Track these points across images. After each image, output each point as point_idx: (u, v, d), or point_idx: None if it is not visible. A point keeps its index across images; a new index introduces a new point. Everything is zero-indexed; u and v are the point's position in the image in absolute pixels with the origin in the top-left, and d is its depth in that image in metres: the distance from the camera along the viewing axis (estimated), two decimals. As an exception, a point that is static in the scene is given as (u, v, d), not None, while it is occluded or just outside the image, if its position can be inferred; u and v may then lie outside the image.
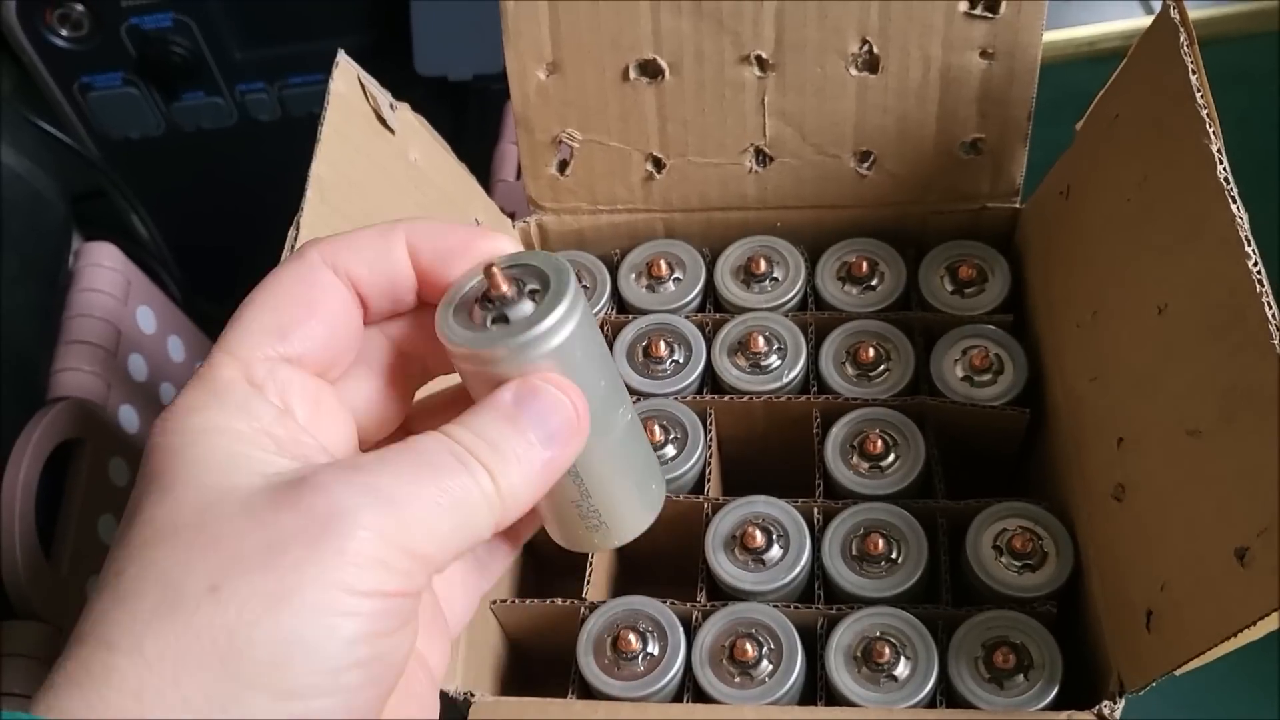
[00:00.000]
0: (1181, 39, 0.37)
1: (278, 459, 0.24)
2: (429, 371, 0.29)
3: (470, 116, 0.82)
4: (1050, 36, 1.14)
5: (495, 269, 0.25)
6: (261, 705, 0.21)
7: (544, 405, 0.25)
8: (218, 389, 0.24)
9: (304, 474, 0.23)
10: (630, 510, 0.29)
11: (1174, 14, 0.38)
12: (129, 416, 0.67)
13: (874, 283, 0.49)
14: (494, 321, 0.25)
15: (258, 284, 0.26)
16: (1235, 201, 0.33)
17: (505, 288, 0.25)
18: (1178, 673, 0.34)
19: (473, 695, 0.38)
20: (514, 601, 0.43)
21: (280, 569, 0.22)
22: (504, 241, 0.27)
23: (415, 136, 0.45)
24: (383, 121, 0.43)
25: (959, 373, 0.47)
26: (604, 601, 0.42)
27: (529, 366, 0.25)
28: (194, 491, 0.23)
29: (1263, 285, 0.32)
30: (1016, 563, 0.42)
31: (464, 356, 0.25)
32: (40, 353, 0.65)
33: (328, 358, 0.26)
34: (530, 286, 0.26)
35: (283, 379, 0.25)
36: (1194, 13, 0.37)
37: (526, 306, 0.25)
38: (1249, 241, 0.32)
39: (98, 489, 0.61)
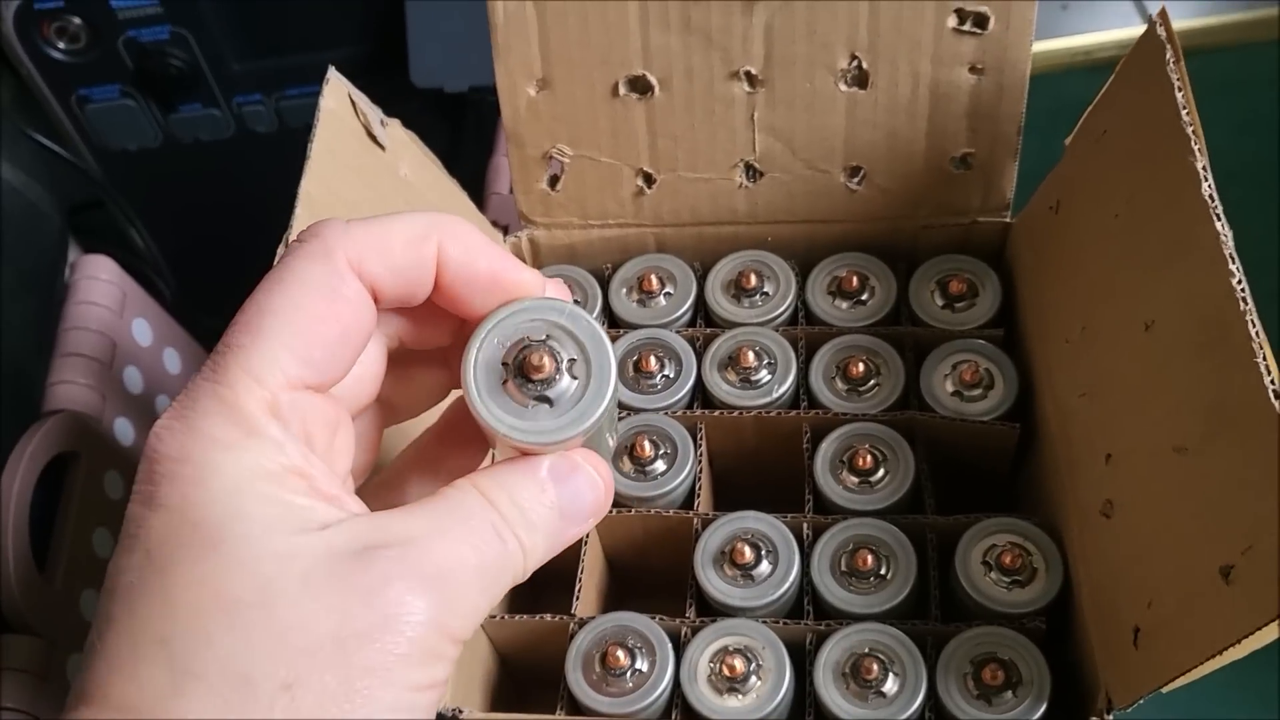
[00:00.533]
0: (1168, 55, 0.37)
1: (319, 507, 0.23)
2: (425, 347, 0.29)
3: (466, 128, 0.82)
4: (1047, 45, 1.15)
5: (541, 351, 0.25)
6: None
7: (580, 486, 0.26)
8: (246, 423, 0.23)
9: (358, 543, 0.23)
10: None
11: (1160, 30, 0.38)
12: (124, 430, 0.68)
13: (864, 297, 0.50)
14: (534, 399, 0.25)
15: (274, 277, 0.25)
16: (1219, 219, 0.33)
17: (548, 368, 0.25)
18: (1165, 690, 0.34)
19: (461, 711, 0.38)
20: (504, 617, 0.43)
21: (351, 669, 0.21)
22: (532, 277, 0.27)
23: (406, 152, 0.45)
24: (373, 138, 0.43)
25: (949, 388, 0.47)
26: (593, 617, 0.42)
27: (562, 446, 0.26)
28: (246, 556, 0.22)
29: (1246, 302, 0.32)
30: (1006, 579, 0.42)
31: (505, 440, 0.25)
32: (36, 365, 0.66)
33: (338, 375, 0.26)
34: (568, 357, 0.26)
35: (305, 408, 0.24)
36: (1191, 21, 0.37)
37: (566, 383, 0.25)
38: (1233, 259, 0.32)
39: (93, 502, 0.61)
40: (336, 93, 0.40)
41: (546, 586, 0.49)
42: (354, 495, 0.25)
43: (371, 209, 0.42)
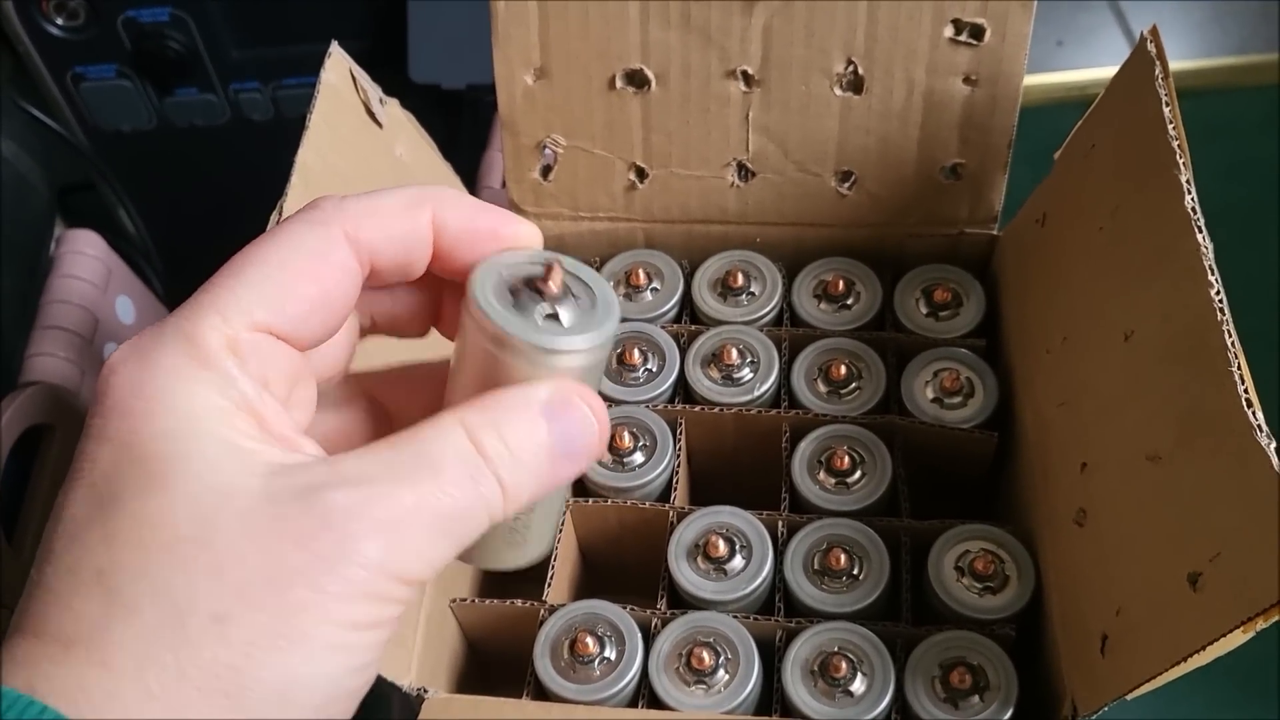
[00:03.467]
0: (1157, 72, 0.38)
1: (267, 448, 0.23)
2: (399, 335, 0.28)
3: (462, 125, 0.82)
4: (1042, 80, 1.16)
5: (558, 268, 0.25)
6: None
7: (576, 421, 0.24)
8: (203, 355, 0.23)
9: (304, 482, 0.22)
10: (551, 532, 0.28)
11: (1150, 47, 0.38)
12: (101, 405, 0.67)
13: (849, 302, 0.50)
14: (545, 317, 0.24)
15: (267, 235, 0.25)
16: (1201, 231, 0.34)
17: (557, 286, 0.25)
18: (1129, 697, 0.34)
19: (426, 691, 0.38)
20: (474, 601, 0.43)
21: (286, 606, 0.21)
22: (529, 229, 0.27)
23: (402, 132, 0.45)
24: (371, 115, 0.43)
25: (929, 394, 0.47)
26: (564, 604, 0.42)
27: (560, 372, 0.24)
28: (189, 490, 0.22)
29: (1224, 313, 0.32)
30: (978, 584, 0.42)
31: (501, 341, 0.24)
32: (16, 337, 0.65)
33: (311, 337, 0.25)
34: (577, 296, 0.25)
35: (266, 352, 0.24)
36: (1181, 64, 0.38)
37: (573, 305, 0.25)
38: (1212, 270, 0.33)
39: (65, 476, 0.61)
40: (338, 67, 0.41)
41: (518, 573, 0.49)
42: (311, 440, 0.24)
43: (365, 184, 0.42)
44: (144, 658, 0.21)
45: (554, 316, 0.25)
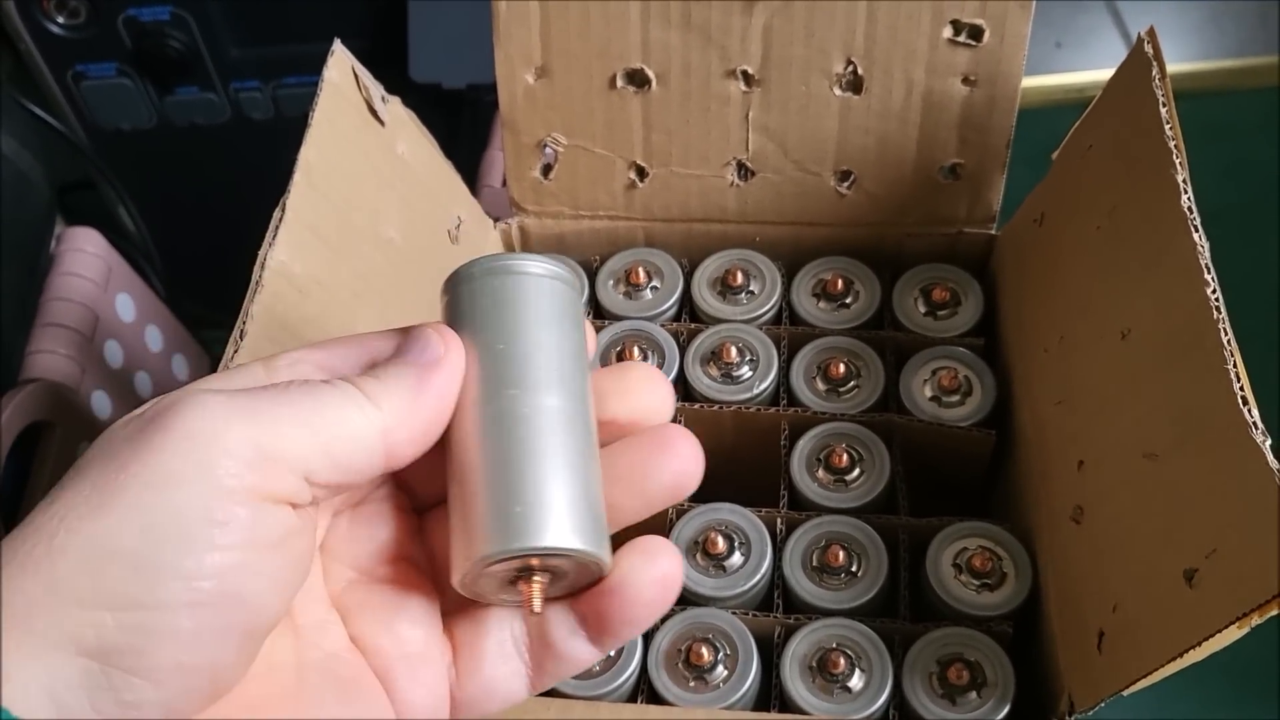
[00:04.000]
0: (1154, 72, 0.38)
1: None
2: None
3: (462, 125, 0.82)
4: (1041, 82, 1.17)
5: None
6: (73, 616, 0.21)
7: (415, 335, 0.26)
8: (222, 385, 0.25)
9: None
10: (541, 501, 0.25)
11: (1147, 48, 0.39)
12: (101, 402, 0.67)
13: (848, 300, 0.50)
14: None
15: None
16: (1197, 230, 0.34)
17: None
18: (1126, 693, 0.34)
19: (426, 686, 0.38)
20: (474, 597, 0.43)
21: (106, 477, 0.22)
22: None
23: (404, 130, 0.45)
24: (374, 113, 0.44)
25: (928, 393, 0.47)
26: (564, 601, 0.42)
27: None
28: (106, 443, 0.23)
29: (1219, 312, 0.32)
30: (975, 582, 0.42)
31: None
32: (16, 334, 0.65)
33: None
34: None
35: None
36: (1178, 66, 0.38)
37: None
38: (1208, 269, 0.33)
39: (65, 472, 0.61)
40: (341, 65, 0.41)
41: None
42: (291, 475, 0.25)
43: (366, 181, 0.43)
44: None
45: None
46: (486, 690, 0.27)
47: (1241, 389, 0.31)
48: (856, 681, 0.40)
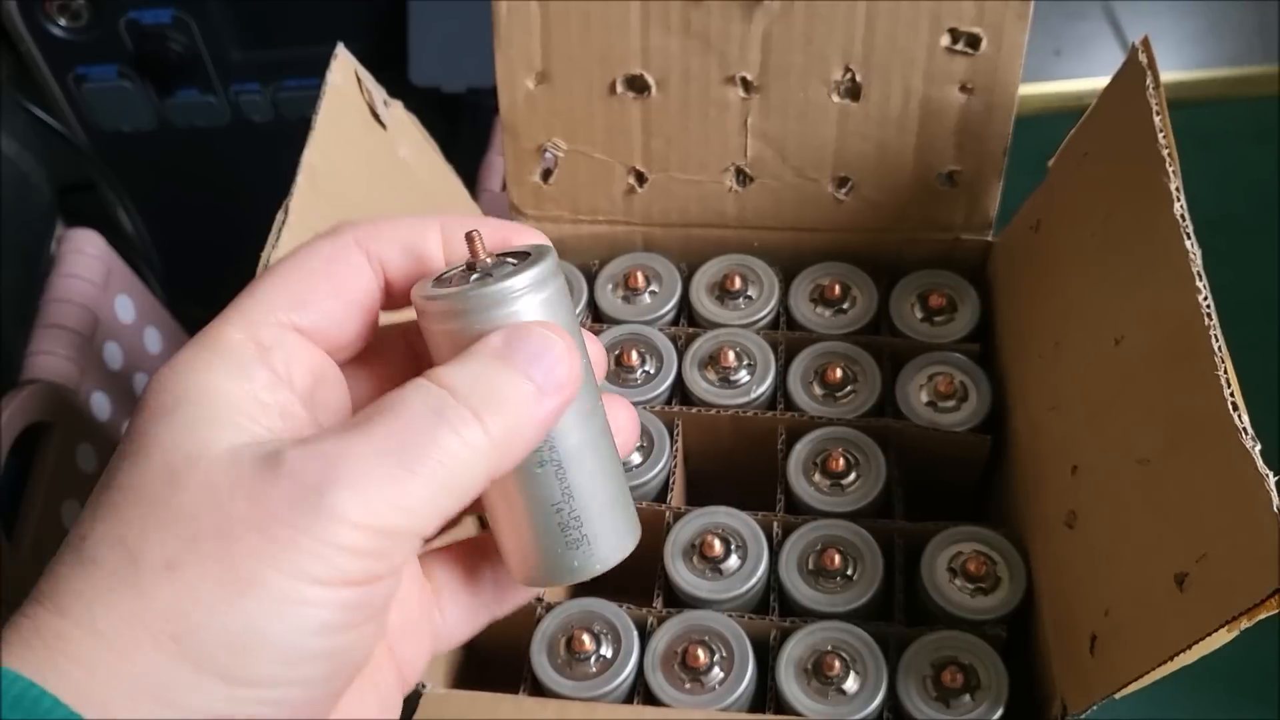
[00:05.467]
0: (1148, 81, 0.38)
1: (254, 427, 0.23)
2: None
3: (462, 129, 0.83)
4: (1039, 89, 1.17)
5: (476, 234, 0.25)
6: (215, 691, 0.21)
7: (536, 343, 0.24)
8: (219, 347, 0.24)
9: (270, 449, 0.22)
10: (614, 523, 0.27)
11: (1142, 57, 0.39)
12: (101, 403, 0.67)
13: (846, 306, 0.50)
14: (477, 279, 0.25)
15: (286, 254, 0.26)
16: (1190, 238, 0.34)
17: (484, 254, 0.25)
18: (1117, 696, 0.34)
19: (424, 687, 0.38)
20: (472, 599, 0.44)
21: (236, 554, 0.21)
22: (536, 237, 0.27)
23: (406, 134, 0.46)
24: (376, 116, 0.44)
25: (924, 398, 0.47)
26: (561, 602, 0.42)
27: (510, 318, 0.24)
28: (163, 456, 0.23)
29: (1211, 319, 0.33)
30: (970, 585, 0.42)
31: (440, 313, 0.24)
32: (16, 335, 0.65)
33: (341, 337, 0.26)
34: (512, 259, 0.26)
35: (290, 347, 0.25)
36: (1175, 74, 0.38)
37: (509, 270, 0.25)
38: (1200, 276, 0.33)
39: (64, 473, 0.61)
40: (344, 69, 0.41)
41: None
42: (318, 428, 0.25)
43: (370, 185, 0.43)
44: (95, 602, 0.21)
45: (484, 275, 0.25)
46: (466, 621, 0.29)
47: (1232, 395, 0.31)
48: (851, 684, 0.40)
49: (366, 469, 0.22)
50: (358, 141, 0.42)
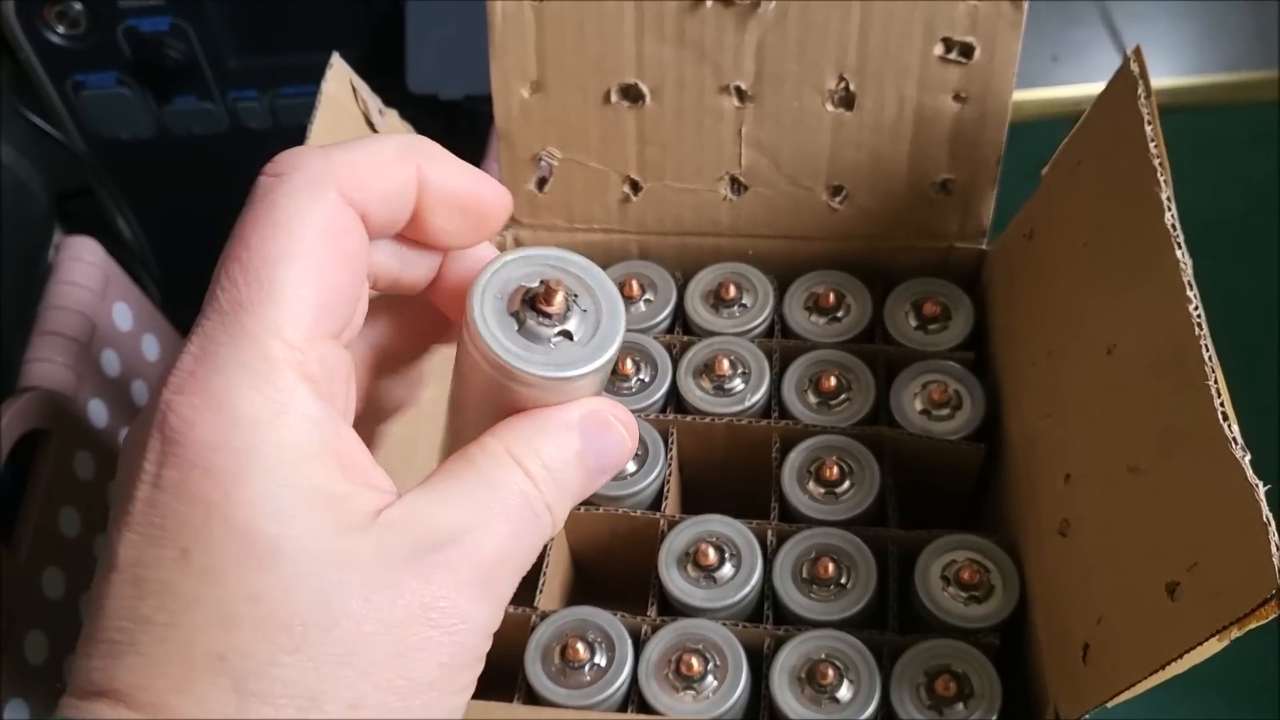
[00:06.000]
0: (1139, 90, 0.38)
1: (358, 492, 0.22)
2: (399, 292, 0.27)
3: (459, 136, 0.83)
4: (1037, 95, 1.17)
5: (560, 288, 0.24)
6: None
7: (611, 442, 0.25)
8: (280, 396, 0.22)
9: (407, 543, 0.22)
10: None
11: (1133, 66, 0.39)
12: (98, 411, 0.68)
13: (840, 314, 0.50)
14: (555, 336, 0.24)
15: (268, 219, 0.22)
16: (1180, 247, 0.34)
17: (562, 303, 0.24)
18: (1109, 704, 0.34)
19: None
20: (467, 607, 0.44)
21: (411, 683, 0.21)
22: (503, 193, 0.26)
23: (398, 144, 0.46)
24: (371, 125, 0.44)
25: (918, 406, 0.48)
26: (555, 611, 0.43)
27: (580, 390, 0.24)
28: (303, 569, 0.21)
29: (1201, 328, 0.33)
30: (963, 594, 0.42)
31: (515, 377, 0.24)
32: (14, 342, 0.66)
33: (354, 323, 0.25)
34: (573, 293, 0.25)
35: (329, 364, 0.23)
36: (1173, 80, 0.39)
37: (579, 318, 0.24)
38: (1191, 285, 0.34)
39: (62, 481, 0.61)
40: (339, 78, 0.41)
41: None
42: (374, 461, 0.24)
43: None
44: None
45: (564, 334, 0.24)
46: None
47: (1222, 405, 0.31)
48: (845, 692, 0.40)
49: (506, 581, 0.23)
50: (352, 151, 0.42)
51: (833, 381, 0.48)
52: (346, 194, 0.23)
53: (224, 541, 0.21)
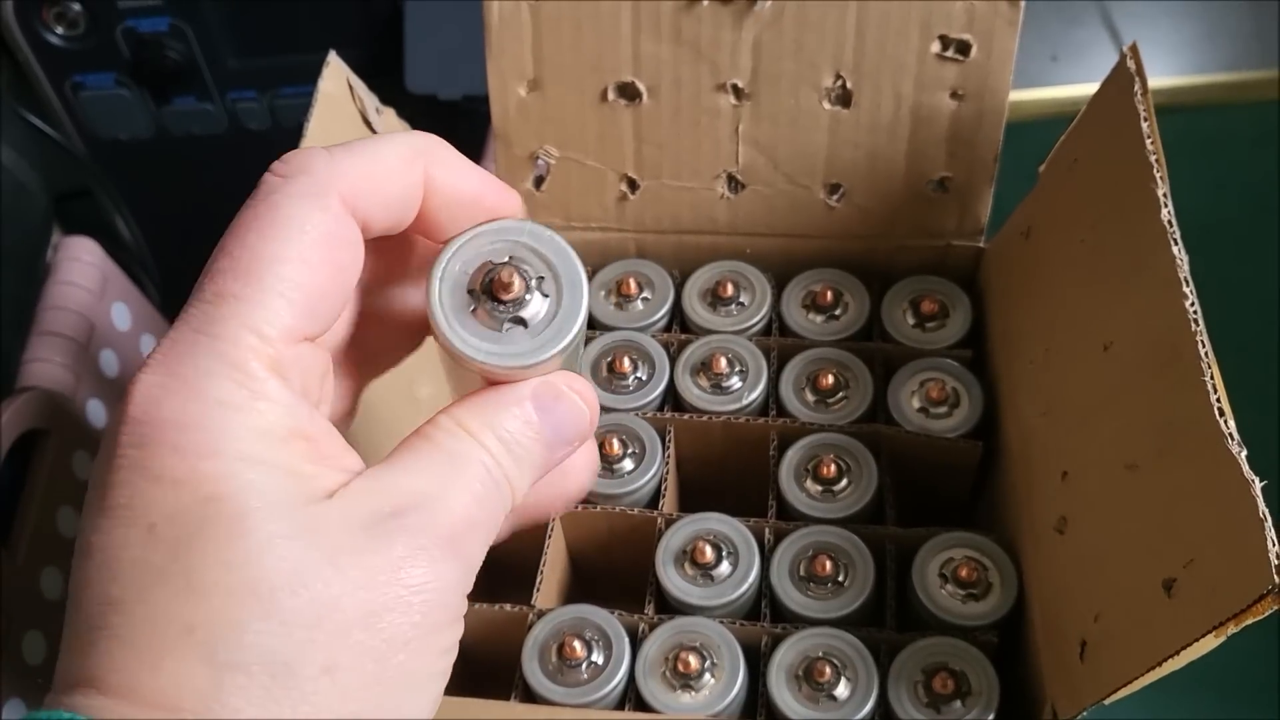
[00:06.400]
0: (1136, 88, 0.38)
1: (324, 472, 0.22)
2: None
3: (458, 137, 0.82)
4: (1036, 95, 1.17)
5: (509, 270, 0.24)
6: None
7: (565, 412, 0.25)
8: (250, 382, 0.22)
9: (370, 510, 0.22)
10: None
11: (1130, 64, 0.39)
12: (97, 411, 0.68)
13: (838, 312, 0.50)
14: (508, 322, 0.24)
15: (267, 219, 0.23)
16: (1176, 243, 0.34)
17: (517, 288, 0.24)
18: (1107, 701, 0.34)
19: (415, 694, 0.38)
20: (464, 606, 0.44)
21: (386, 645, 0.21)
22: (513, 199, 0.26)
23: (395, 143, 0.46)
24: (368, 123, 0.44)
25: (916, 404, 0.47)
26: (552, 609, 0.43)
27: (540, 369, 0.24)
28: (269, 536, 0.21)
29: (1198, 324, 0.33)
30: (961, 591, 0.42)
31: (468, 364, 0.24)
32: (13, 342, 0.66)
33: (335, 327, 0.25)
34: (536, 275, 0.24)
35: (304, 362, 0.23)
36: (1171, 80, 0.39)
37: (538, 302, 0.24)
38: (1187, 282, 0.34)
39: (60, 481, 0.61)
40: (335, 76, 0.41)
41: (505, 580, 0.49)
42: (348, 446, 0.24)
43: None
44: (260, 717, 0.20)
45: (518, 319, 0.24)
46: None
47: (1218, 401, 0.31)
48: (842, 690, 0.40)
49: (472, 542, 0.24)
50: (349, 149, 0.42)
51: (830, 380, 0.48)
52: (350, 201, 0.24)
53: (190, 514, 0.21)
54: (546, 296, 0.24)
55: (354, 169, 0.24)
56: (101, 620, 0.21)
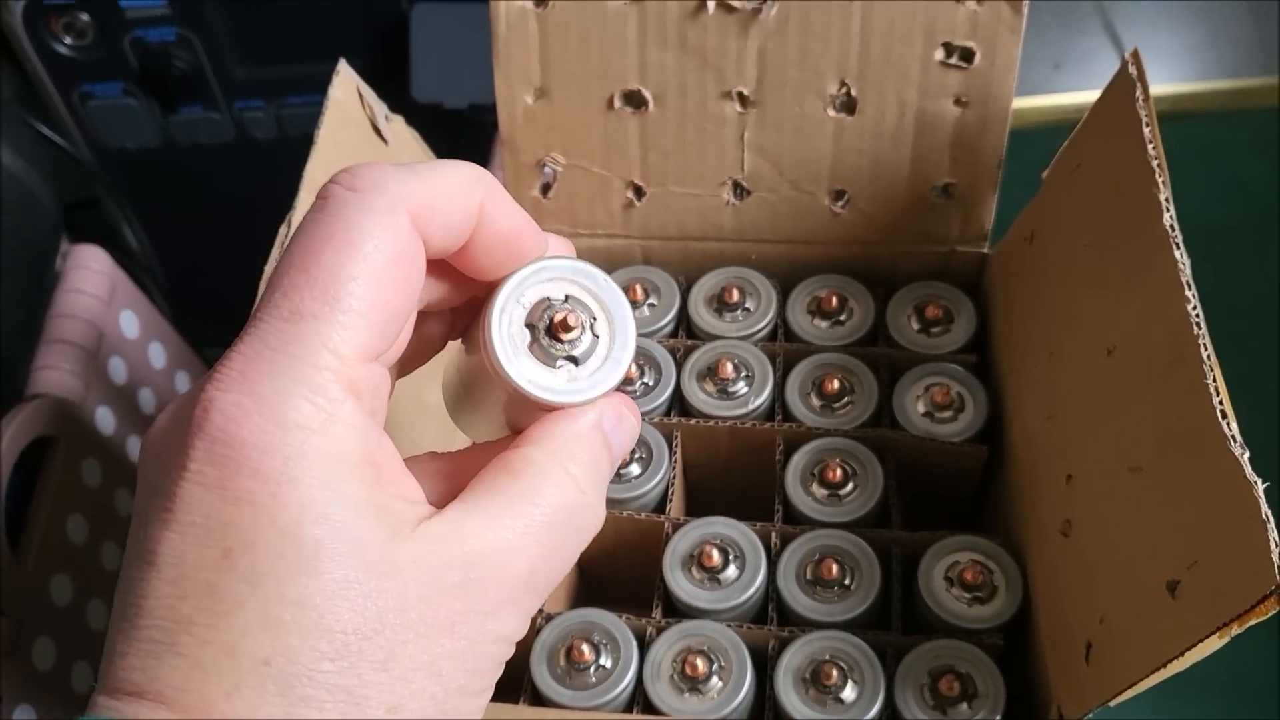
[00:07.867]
0: (1138, 93, 0.39)
1: (394, 503, 0.23)
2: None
3: (463, 145, 0.83)
4: (1039, 102, 1.18)
5: (570, 312, 0.25)
6: None
7: (625, 432, 0.26)
8: (328, 405, 0.22)
9: (443, 559, 0.22)
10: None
11: (1132, 70, 0.39)
12: (105, 418, 0.68)
13: (843, 318, 0.51)
14: (562, 359, 0.25)
15: (341, 237, 0.22)
16: (1179, 248, 0.35)
17: (574, 328, 0.25)
18: (1112, 703, 0.34)
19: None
20: (472, 610, 0.44)
21: (445, 689, 0.22)
22: (543, 243, 0.26)
23: (407, 149, 0.46)
24: (377, 131, 0.45)
25: (920, 409, 0.48)
26: (560, 613, 0.43)
27: (596, 401, 0.26)
28: (346, 576, 0.21)
29: (1200, 327, 0.33)
30: (967, 594, 0.43)
31: (529, 400, 0.25)
32: (23, 350, 0.66)
33: (400, 346, 0.25)
34: (590, 316, 0.26)
35: (376, 383, 0.24)
36: (1181, 86, 0.39)
37: (590, 341, 0.26)
38: (1190, 286, 0.34)
39: (69, 488, 0.62)
40: (345, 84, 0.42)
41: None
42: (405, 470, 0.24)
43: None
44: None
45: (571, 358, 0.25)
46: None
47: (1221, 404, 0.32)
48: (849, 693, 0.40)
49: (544, 588, 0.24)
50: (359, 156, 0.43)
51: (835, 384, 0.48)
52: (415, 219, 0.23)
53: (269, 544, 0.21)
54: (598, 337, 0.26)
55: (422, 189, 0.24)
56: (167, 636, 0.21)
